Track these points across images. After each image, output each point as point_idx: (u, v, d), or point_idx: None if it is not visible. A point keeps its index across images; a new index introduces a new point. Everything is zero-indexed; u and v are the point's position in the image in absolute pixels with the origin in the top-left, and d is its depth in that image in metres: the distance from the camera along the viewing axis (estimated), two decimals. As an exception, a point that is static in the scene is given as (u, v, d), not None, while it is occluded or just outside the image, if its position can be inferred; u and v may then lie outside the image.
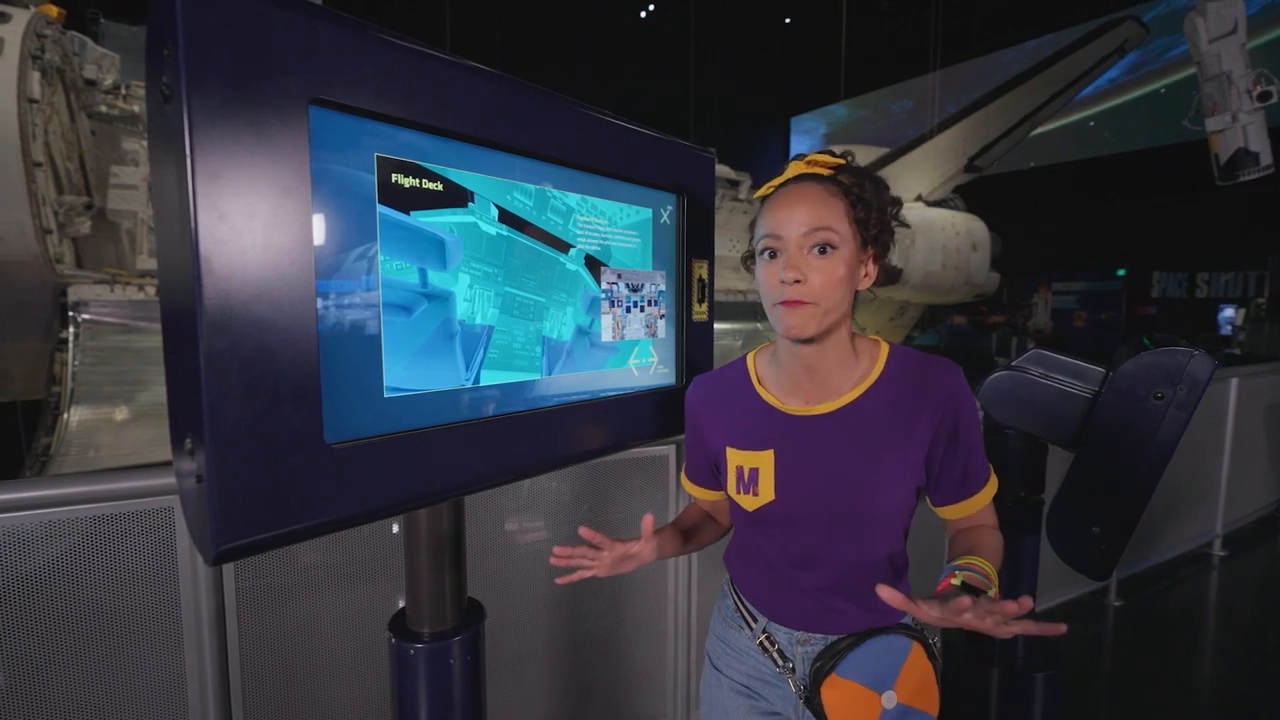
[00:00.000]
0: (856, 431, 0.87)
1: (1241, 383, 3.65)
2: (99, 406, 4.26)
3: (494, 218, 0.80)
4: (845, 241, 0.82)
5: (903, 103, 15.30)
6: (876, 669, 0.90)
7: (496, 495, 1.64)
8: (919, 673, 0.91)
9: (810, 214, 0.81)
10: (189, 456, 0.55)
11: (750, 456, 0.92)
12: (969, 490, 0.91)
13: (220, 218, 0.52)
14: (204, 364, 0.51)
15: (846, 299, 0.84)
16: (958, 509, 0.92)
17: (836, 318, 0.84)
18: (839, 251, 0.81)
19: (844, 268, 0.82)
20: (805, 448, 0.89)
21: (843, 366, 0.88)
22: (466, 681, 0.93)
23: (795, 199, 0.83)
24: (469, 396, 0.79)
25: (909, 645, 0.91)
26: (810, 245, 0.81)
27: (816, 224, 0.81)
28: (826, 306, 0.82)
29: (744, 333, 7.38)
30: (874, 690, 0.89)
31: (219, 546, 0.54)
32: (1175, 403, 1.27)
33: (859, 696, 0.89)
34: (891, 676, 0.90)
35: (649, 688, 1.93)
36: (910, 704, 0.90)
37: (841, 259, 0.81)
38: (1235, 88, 5.69)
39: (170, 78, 0.51)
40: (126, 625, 1.24)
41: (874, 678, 0.90)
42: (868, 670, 0.90)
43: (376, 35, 0.63)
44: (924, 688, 0.91)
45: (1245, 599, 3.25)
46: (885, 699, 0.89)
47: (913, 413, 0.86)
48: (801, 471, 0.88)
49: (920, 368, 0.88)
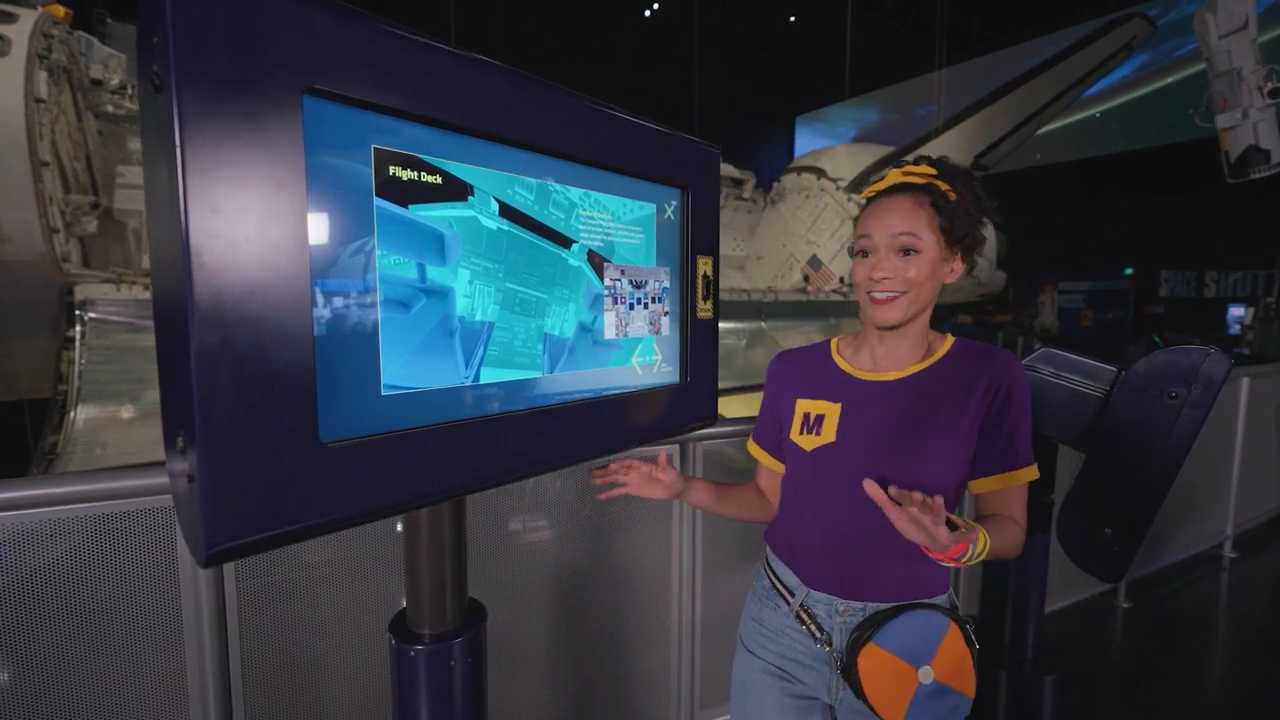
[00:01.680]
0: (917, 396, 0.96)
1: (1253, 382, 3.61)
2: (105, 405, 4.28)
3: (494, 212, 0.78)
4: (928, 246, 0.94)
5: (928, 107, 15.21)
6: (914, 643, 0.91)
7: (497, 495, 1.62)
8: (956, 653, 0.92)
9: (897, 222, 0.94)
10: (180, 456, 0.54)
11: (820, 405, 1.03)
12: (1005, 465, 0.95)
13: (212, 211, 0.51)
14: (194, 361, 0.50)
15: (930, 292, 0.96)
16: (990, 482, 0.96)
17: (920, 308, 0.96)
18: (921, 255, 0.94)
19: (927, 267, 0.94)
20: (870, 404, 0.99)
21: (915, 347, 1.00)
22: (468, 683, 0.92)
23: (885, 208, 0.96)
24: (469, 395, 0.77)
25: (947, 624, 0.93)
26: (896, 248, 0.94)
27: (901, 230, 0.94)
28: (912, 297, 0.95)
29: (747, 332, 7.36)
30: (911, 664, 0.90)
31: (210, 548, 0.52)
32: (1190, 402, 1.25)
33: (896, 669, 0.90)
34: (929, 652, 0.91)
35: (653, 688, 1.92)
36: (947, 683, 0.90)
37: (924, 260, 0.94)
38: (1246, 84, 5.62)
39: (160, 66, 0.49)
40: (128, 623, 1.23)
41: (912, 651, 0.91)
42: (906, 643, 0.91)
43: (374, 24, 0.62)
44: (961, 669, 0.92)
45: (1256, 601, 3.21)
46: (922, 674, 0.90)
47: (970, 383, 0.95)
48: (862, 422, 0.98)
49: (982, 352, 0.98)
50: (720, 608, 1.95)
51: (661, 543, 1.87)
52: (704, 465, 1.90)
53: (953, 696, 0.91)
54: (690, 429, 1.15)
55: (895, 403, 0.97)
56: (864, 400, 1.00)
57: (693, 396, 1.14)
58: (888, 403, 0.98)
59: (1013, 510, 0.97)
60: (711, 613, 1.94)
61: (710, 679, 1.97)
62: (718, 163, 1.15)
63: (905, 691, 0.90)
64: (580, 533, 1.77)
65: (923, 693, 0.89)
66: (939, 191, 0.96)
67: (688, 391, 1.13)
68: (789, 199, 8.36)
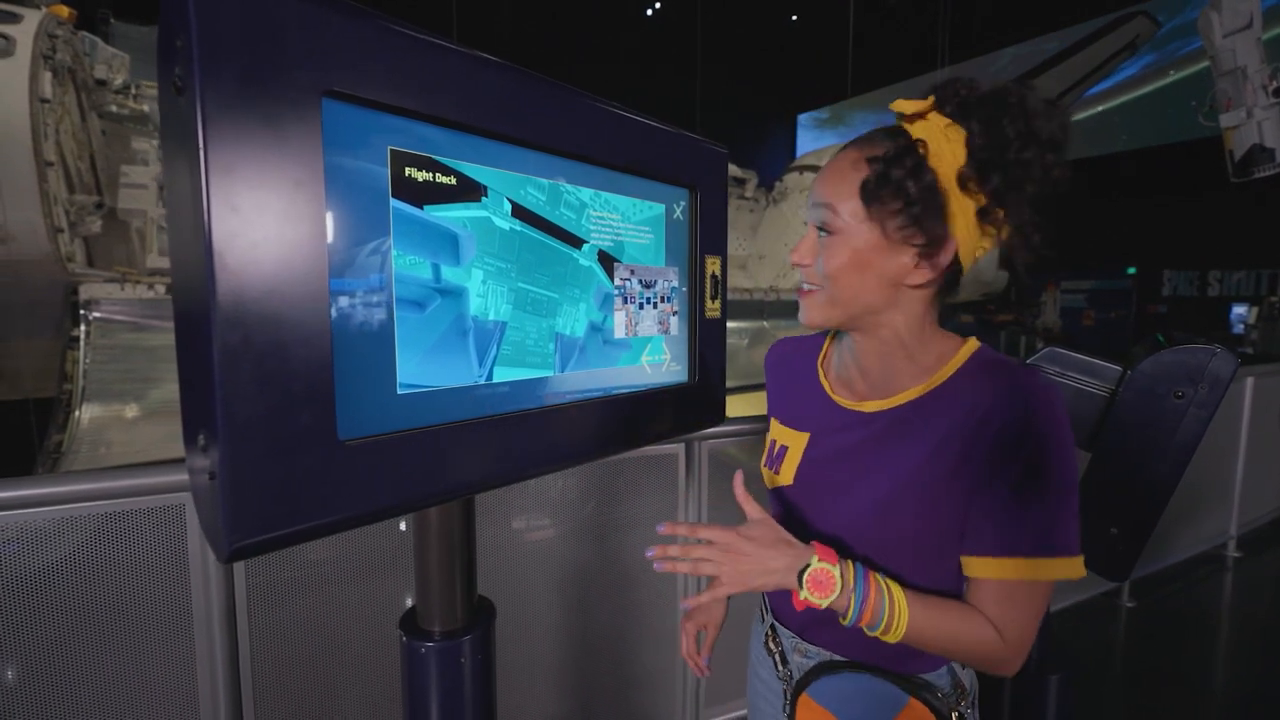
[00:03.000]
0: (896, 440, 0.72)
1: (1257, 382, 3.61)
2: (110, 404, 4.29)
3: (507, 212, 0.79)
4: (850, 225, 0.69)
5: None
6: (858, 709, 0.76)
7: (504, 493, 1.63)
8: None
9: (820, 188, 0.71)
10: (202, 453, 0.55)
11: (787, 434, 0.86)
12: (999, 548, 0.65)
13: (233, 211, 0.51)
14: (217, 359, 0.51)
15: (866, 290, 0.70)
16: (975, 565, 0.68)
17: (852, 308, 0.72)
18: (835, 237, 0.70)
19: (842, 254, 0.69)
20: (839, 443, 0.78)
21: (895, 366, 0.75)
22: (477, 680, 0.92)
23: (825, 167, 0.71)
24: (482, 393, 0.78)
25: (904, 700, 0.74)
26: (815, 224, 0.72)
27: (819, 199, 0.71)
28: (830, 296, 0.72)
29: (750, 331, 7.36)
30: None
31: (232, 544, 0.53)
32: (1196, 402, 1.25)
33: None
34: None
35: (659, 688, 1.92)
36: None
37: (838, 245, 0.70)
38: (1250, 83, 5.61)
39: (183, 69, 0.50)
40: (138, 621, 1.24)
41: (852, 716, 0.76)
42: (847, 706, 0.76)
43: (391, 27, 0.62)
44: None
45: (1260, 601, 3.21)
46: None
47: (967, 430, 0.67)
48: (826, 466, 0.79)
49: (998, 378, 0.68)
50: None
51: (666, 541, 1.88)
52: (709, 465, 1.90)
53: None
54: (699, 428, 1.16)
55: (865, 448, 0.75)
56: (830, 434, 0.80)
57: (701, 396, 1.14)
58: (858, 444, 0.75)
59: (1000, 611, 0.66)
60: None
61: (715, 679, 1.98)
62: (726, 163, 1.15)
63: None
64: (584, 532, 1.78)
65: None
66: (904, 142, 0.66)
67: (696, 391, 1.13)
68: (791, 198, 8.36)
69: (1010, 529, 0.65)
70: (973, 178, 0.65)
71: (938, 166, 0.65)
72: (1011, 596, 0.66)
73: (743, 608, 1.09)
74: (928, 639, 0.66)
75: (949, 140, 0.65)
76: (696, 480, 1.85)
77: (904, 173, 0.65)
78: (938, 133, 0.65)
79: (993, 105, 0.64)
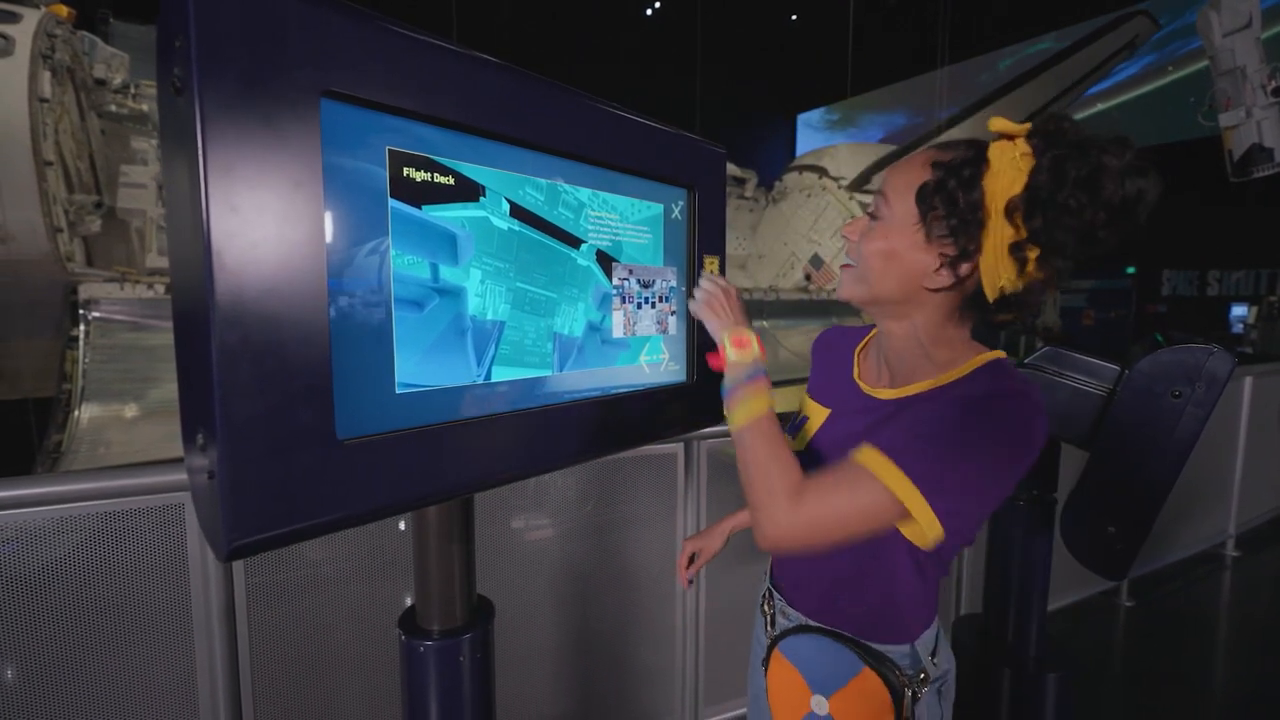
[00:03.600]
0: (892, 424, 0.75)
1: (1256, 381, 3.61)
2: (109, 404, 4.29)
3: (505, 212, 0.79)
4: (893, 218, 0.73)
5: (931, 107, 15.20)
6: (819, 669, 0.82)
7: (503, 492, 1.63)
8: (867, 704, 0.79)
9: (887, 176, 0.76)
10: (200, 452, 0.55)
11: (812, 406, 0.91)
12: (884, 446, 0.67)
13: (232, 211, 0.52)
14: (215, 359, 0.51)
15: (890, 280, 0.74)
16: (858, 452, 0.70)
17: (874, 294, 0.76)
18: (880, 225, 0.75)
19: (879, 241, 0.74)
20: (850, 425, 0.82)
21: (913, 360, 0.78)
22: (476, 679, 0.93)
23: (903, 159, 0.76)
24: (480, 393, 0.78)
25: (860, 667, 0.79)
26: (870, 208, 0.77)
27: (880, 187, 0.76)
28: (858, 274, 0.77)
29: (750, 331, 7.35)
30: (809, 688, 0.83)
31: (231, 543, 0.53)
32: (1193, 401, 1.25)
33: (793, 684, 0.84)
34: (832, 686, 0.81)
35: (657, 686, 1.93)
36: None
37: (880, 231, 0.74)
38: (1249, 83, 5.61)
39: (182, 70, 0.50)
40: (137, 621, 1.24)
41: (815, 677, 0.83)
42: (810, 664, 0.83)
43: (389, 27, 0.63)
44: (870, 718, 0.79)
45: (1258, 600, 3.22)
46: (815, 702, 0.81)
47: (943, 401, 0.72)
48: (836, 440, 0.83)
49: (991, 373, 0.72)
50: (725, 605, 1.96)
51: (665, 540, 1.88)
52: (708, 464, 1.91)
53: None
54: (698, 427, 1.16)
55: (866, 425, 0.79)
56: (845, 415, 0.85)
57: (699, 395, 1.14)
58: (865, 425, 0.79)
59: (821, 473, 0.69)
60: (715, 612, 1.95)
61: (714, 677, 1.98)
62: (724, 163, 1.15)
63: (795, 710, 0.83)
64: (584, 531, 1.78)
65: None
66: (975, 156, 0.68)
67: (694, 390, 1.13)
68: (791, 198, 8.36)
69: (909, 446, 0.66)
70: (1020, 209, 0.65)
71: (990, 187, 0.67)
72: (845, 479, 0.67)
73: (745, 608, 1.09)
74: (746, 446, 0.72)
75: (1017, 169, 0.66)
76: (695, 480, 1.86)
77: (958, 184, 0.68)
78: (1009, 157, 0.66)
79: (1071, 147, 0.64)
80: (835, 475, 0.68)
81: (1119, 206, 0.63)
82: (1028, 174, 0.65)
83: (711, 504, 1.91)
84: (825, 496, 0.67)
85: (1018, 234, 0.66)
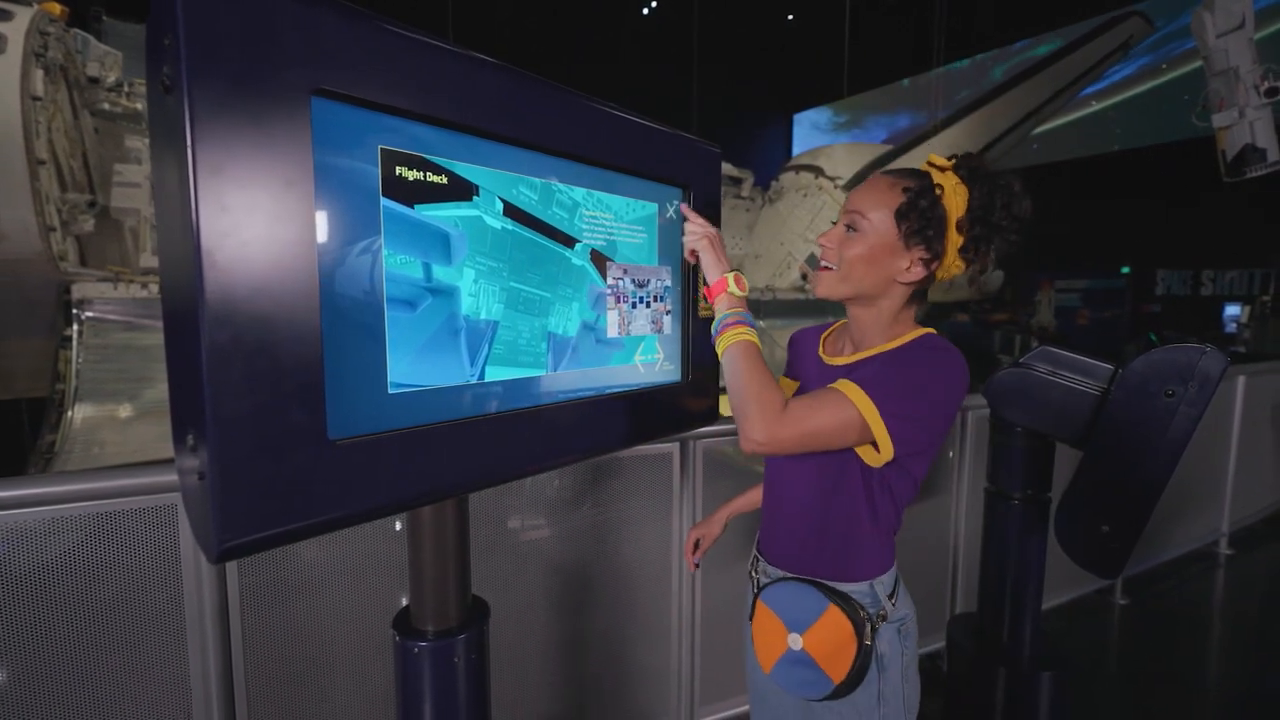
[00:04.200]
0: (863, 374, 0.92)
1: (1249, 380, 3.62)
2: (103, 404, 4.27)
3: (499, 211, 0.79)
4: (872, 229, 0.93)
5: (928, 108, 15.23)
6: (793, 611, 0.98)
7: (498, 492, 1.63)
8: (835, 637, 0.95)
9: (857, 197, 0.95)
10: (191, 453, 0.55)
11: (786, 383, 1.10)
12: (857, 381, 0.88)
13: (222, 210, 0.51)
14: (206, 359, 0.50)
15: (869, 279, 0.94)
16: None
17: (852, 289, 0.95)
18: (860, 235, 0.94)
19: (863, 249, 0.93)
20: (812, 385, 1.00)
21: (871, 336, 0.98)
22: (471, 679, 0.92)
23: (863, 184, 0.97)
24: (474, 393, 0.78)
25: (825, 604, 0.96)
26: (845, 222, 0.96)
27: (853, 206, 0.95)
28: (841, 275, 0.95)
29: (746, 330, 7.35)
30: (787, 627, 0.98)
31: (222, 544, 0.53)
32: (1187, 400, 1.26)
33: (774, 628, 1.00)
34: (805, 623, 0.97)
35: (653, 685, 1.93)
36: (812, 655, 0.96)
37: (862, 241, 0.93)
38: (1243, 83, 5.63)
39: (171, 68, 0.50)
40: (130, 622, 1.24)
41: (790, 617, 0.99)
42: (786, 608, 0.99)
43: (381, 25, 0.62)
44: (835, 652, 0.95)
45: (1251, 598, 3.23)
46: (791, 639, 0.98)
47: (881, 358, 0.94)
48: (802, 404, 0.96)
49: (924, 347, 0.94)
50: (720, 604, 1.96)
51: (661, 539, 1.88)
52: (703, 464, 1.91)
53: (813, 670, 0.95)
54: (693, 427, 1.16)
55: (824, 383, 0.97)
56: (811, 381, 1.04)
57: (694, 395, 1.14)
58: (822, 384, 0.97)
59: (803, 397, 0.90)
60: (710, 610, 1.95)
61: (710, 677, 1.98)
62: (719, 162, 1.15)
63: (776, 649, 0.99)
64: (580, 530, 1.78)
65: (789, 656, 0.97)
66: (928, 184, 0.92)
67: (689, 390, 1.13)
68: (787, 197, 8.38)
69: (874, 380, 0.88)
70: (965, 225, 0.91)
71: (948, 206, 0.91)
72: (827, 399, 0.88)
73: (740, 608, 1.10)
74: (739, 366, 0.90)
75: (956, 194, 0.90)
76: (691, 479, 1.86)
77: (929, 204, 0.91)
78: (951, 185, 0.91)
79: (992, 184, 0.90)
80: (817, 396, 0.89)
81: (1025, 217, 0.91)
82: (966, 200, 0.90)
83: (708, 504, 1.91)
84: (808, 412, 0.87)
85: (963, 240, 0.91)
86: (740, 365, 0.90)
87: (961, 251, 0.92)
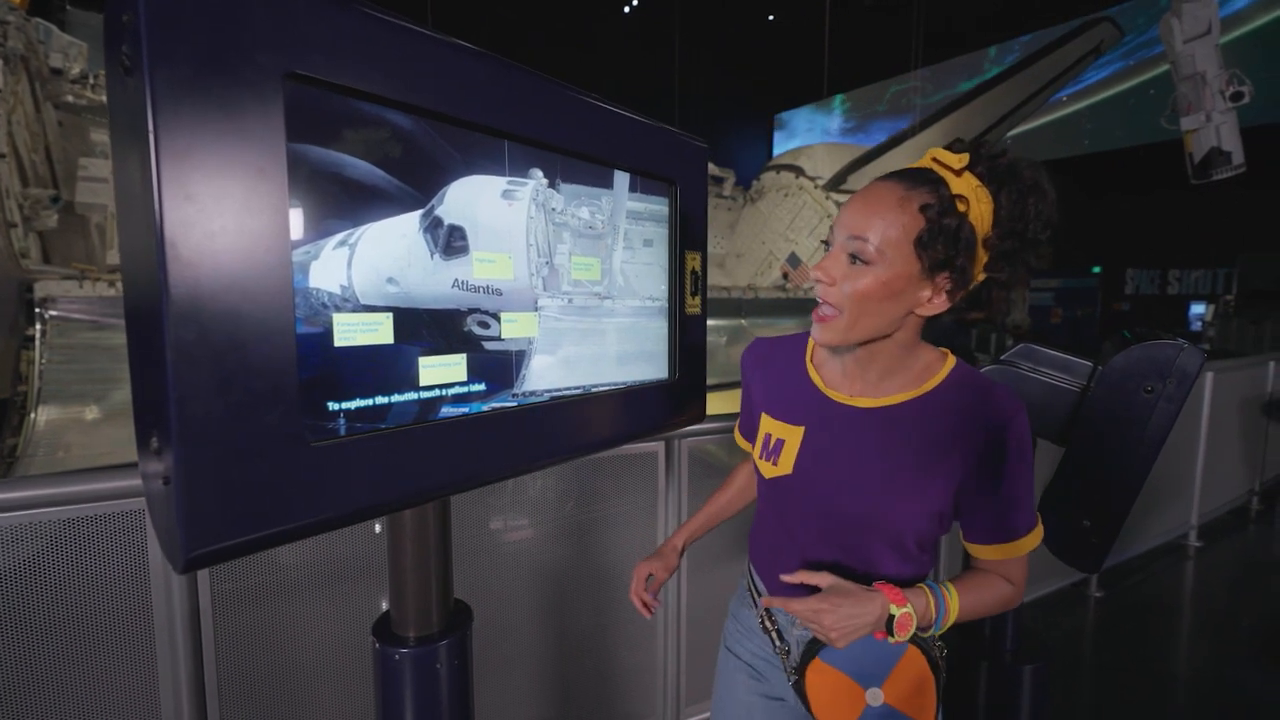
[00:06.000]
0: (890, 436, 0.83)
1: (1216, 377, 3.73)
2: (68, 405, 4.13)
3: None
4: (886, 260, 0.75)
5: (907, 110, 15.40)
6: (865, 663, 0.85)
7: (481, 494, 1.60)
8: (914, 677, 0.85)
9: (858, 218, 0.76)
10: (155, 456, 0.52)
11: (782, 428, 0.91)
12: (1005, 535, 0.84)
13: (187, 199, 0.48)
14: (170, 357, 0.48)
15: (885, 318, 0.78)
16: (989, 552, 0.86)
17: (865, 334, 0.79)
18: (871, 269, 0.75)
19: (876, 286, 0.75)
20: (836, 435, 0.86)
21: (895, 371, 0.84)
22: (454, 686, 0.90)
23: (860, 197, 0.78)
24: (456, 392, 0.75)
25: (905, 646, 0.85)
26: (847, 251, 0.77)
27: (855, 230, 0.76)
28: (850, 320, 0.78)
29: (727, 329, 7.39)
30: (859, 684, 0.85)
31: (189, 552, 0.50)
32: (1165, 396, 1.28)
33: (842, 687, 0.86)
34: (882, 674, 0.85)
35: (638, 687, 1.91)
36: (900, 708, 0.85)
37: (873, 277, 0.75)
38: (1209, 88, 5.80)
39: (130, 47, 0.47)
40: (97, 631, 1.19)
41: (861, 671, 0.86)
42: (855, 662, 0.86)
43: (359, 8, 0.60)
44: (919, 694, 0.85)
45: (1220, 588, 3.33)
46: (870, 695, 0.85)
47: (955, 436, 0.80)
48: (824, 456, 0.87)
49: (979, 393, 0.81)
50: (705, 606, 1.95)
51: (646, 540, 1.87)
52: (689, 462, 1.90)
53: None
54: (680, 425, 1.15)
55: (861, 440, 0.85)
56: (829, 428, 0.87)
57: (682, 393, 1.13)
58: (854, 437, 0.85)
59: (1010, 572, 0.86)
60: (696, 613, 1.94)
61: (696, 676, 1.97)
62: (705, 158, 1.14)
63: (852, 711, 0.85)
64: (564, 532, 1.75)
65: (871, 714, 0.85)
66: (947, 194, 0.74)
67: (677, 388, 1.12)
68: (768, 197, 8.42)
69: (1011, 522, 0.83)
70: (993, 240, 0.76)
71: (974, 222, 0.75)
72: (1023, 562, 0.86)
73: (725, 607, 1.08)
74: (970, 611, 0.83)
75: (980, 201, 0.75)
76: (676, 478, 1.84)
77: (955, 223, 0.74)
78: (972, 192, 0.75)
79: (1021, 185, 0.75)
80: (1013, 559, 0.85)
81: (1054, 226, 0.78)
82: (992, 209, 0.75)
83: (693, 503, 1.90)
84: (1024, 570, 0.87)
85: (989, 256, 0.77)
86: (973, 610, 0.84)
87: (988, 268, 0.78)
